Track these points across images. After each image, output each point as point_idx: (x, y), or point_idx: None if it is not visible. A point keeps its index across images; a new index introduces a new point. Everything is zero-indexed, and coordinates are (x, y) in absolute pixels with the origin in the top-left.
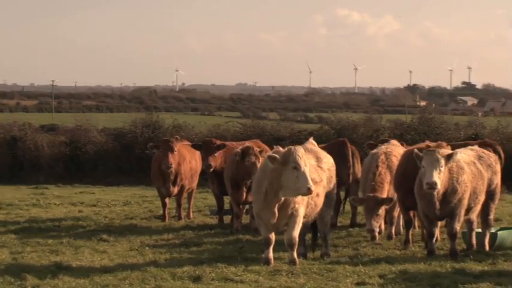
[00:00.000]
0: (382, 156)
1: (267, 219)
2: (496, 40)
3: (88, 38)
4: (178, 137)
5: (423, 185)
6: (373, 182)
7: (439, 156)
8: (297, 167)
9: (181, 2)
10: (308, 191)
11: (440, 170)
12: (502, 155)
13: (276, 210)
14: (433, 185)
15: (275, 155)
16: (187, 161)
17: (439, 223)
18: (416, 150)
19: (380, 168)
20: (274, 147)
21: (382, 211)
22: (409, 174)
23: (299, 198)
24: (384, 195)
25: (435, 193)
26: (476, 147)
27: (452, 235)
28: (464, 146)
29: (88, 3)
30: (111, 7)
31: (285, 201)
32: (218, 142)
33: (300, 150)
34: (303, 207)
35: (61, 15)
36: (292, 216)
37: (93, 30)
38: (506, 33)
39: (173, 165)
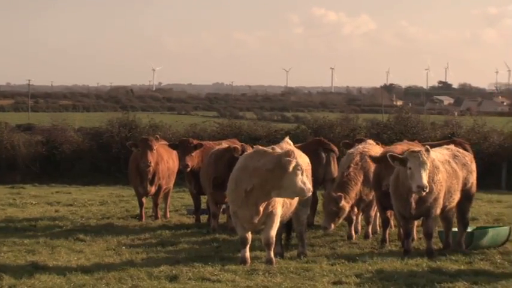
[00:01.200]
0: (357, 158)
1: (249, 217)
2: (472, 40)
3: (64, 38)
4: (158, 136)
5: (412, 187)
6: (338, 181)
7: (426, 158)
8: (300, 169)
9: (157, 1)
10: (309, 193)
11: (427, 172)
12: (472, 154)
13: (261, 208)
14: (424, 188)
15: (293, 159)
16: (164, 160)
17: (415, 222)
18: (392, 152)
19: (350, 170)
20: (254, 147)
21: (339, 209)
22: (386, 174)
23: (279, 197)
24: (350, 195)
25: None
26: (452, 146)
27: (428, 234)
28: (436, 145)
29: (65, 3)
30: (89, 7)
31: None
32: (195, 142)
33: (297, 153)
34: (281, 206)
35: (37, 15)
36: (271, 216)
37: (69, 30)
38: (481, 33)
39: (152, 164)
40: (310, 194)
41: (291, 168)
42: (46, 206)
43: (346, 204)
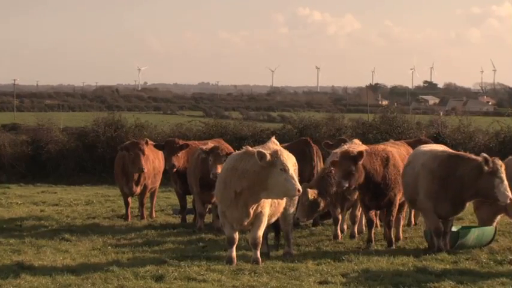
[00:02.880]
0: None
1: (238, 218)
2: (456, 40)
3: (50, 38)
4: (147, 139)
5: (501, 197)
6: (317, 176)
7: None
8: (285, 169)
9: (142, 1)
10: (298, 193)
11: None
12: None
13: (251, 211)
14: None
15: (265, 151)
16: (150, 160)
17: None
18: (496, 159)
19: (331, 167)
20: (244, 147)
21: (311, 202)
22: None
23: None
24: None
25: None
26: (444, 146)
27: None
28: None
29: (51, 2)
30: (74, 6)
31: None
32: (181, 142)
33: (284, 153)
34: (268, 207)
35: (22, 14)
36: (259, 216)
37: (55, 30)
38: (466, 33)
39: (145, 168)
40: (300, 194)
41: (265, 161)
42: (32, 205)
43: (317, 197)
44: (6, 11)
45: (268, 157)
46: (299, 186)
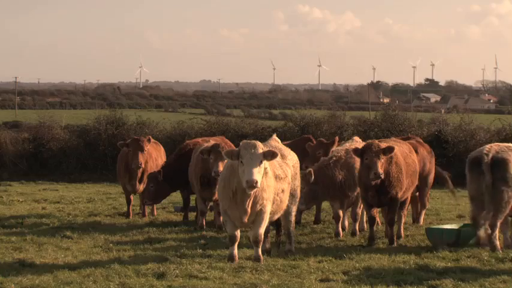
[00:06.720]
0: (341, 153)
1: (238, 217)
2: (457, 37)
3: (52, 35)
4: (150, 137)
5: None
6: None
7: None
8: (242, 161)
9: None
10: (246, 184)
11: None
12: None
13: (248, 208)
14: None
15: (231, 149)
16: (153, 158)
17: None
18: None
19: (331, 161)
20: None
21: (308, 189)
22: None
23: (267, 194)
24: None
25: None
26: None
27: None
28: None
29: (52, 0)
30: (75, 4)
31: (254, 198)
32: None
33: (251, 144)
34: (270, 204)
35: (24, 12)
36: (260, 213)
37: (57, 28)
38: (466, 30)
39: (143, 165)
40: (250, 185)
41: (235, 158)
42: (33, 203)
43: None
44: (8, 8)
45: (235, 154)
46: (249, 178)
